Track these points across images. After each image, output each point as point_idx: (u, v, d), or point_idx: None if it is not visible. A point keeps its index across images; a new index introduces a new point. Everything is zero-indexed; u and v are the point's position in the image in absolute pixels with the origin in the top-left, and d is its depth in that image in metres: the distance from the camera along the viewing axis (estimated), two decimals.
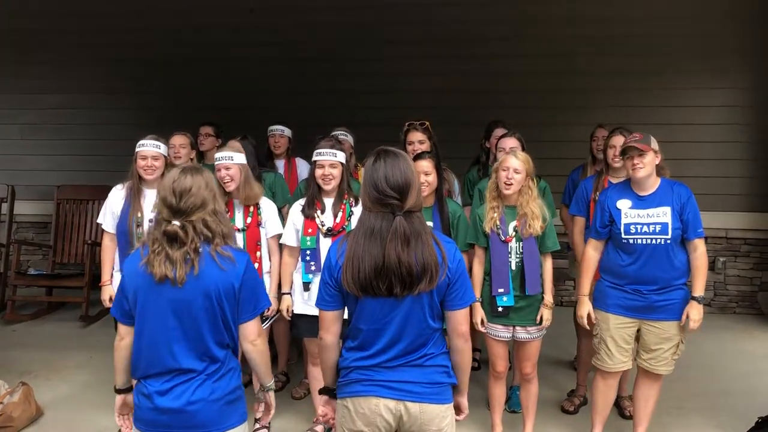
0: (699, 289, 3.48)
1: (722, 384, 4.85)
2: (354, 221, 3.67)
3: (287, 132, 5.21)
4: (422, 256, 2.24)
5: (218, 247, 2.39)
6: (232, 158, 3.88)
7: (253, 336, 2.50)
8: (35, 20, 7.33)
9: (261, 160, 4.86)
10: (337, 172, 3.76)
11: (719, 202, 6.59)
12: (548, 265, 3.75)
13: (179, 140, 4.60)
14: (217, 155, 3.93)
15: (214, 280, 2.36)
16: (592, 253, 3.72)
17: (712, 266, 6.66)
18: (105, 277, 4.06)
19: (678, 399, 4.50)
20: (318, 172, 3.77)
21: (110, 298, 4.00)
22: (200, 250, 2.36)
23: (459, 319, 2.38)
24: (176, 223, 2.35)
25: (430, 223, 3.64)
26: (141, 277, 2.38)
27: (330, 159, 3.76)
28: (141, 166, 3.92)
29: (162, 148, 3.98)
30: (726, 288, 6.72)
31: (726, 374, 5.06)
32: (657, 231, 3.44)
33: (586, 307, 3.71)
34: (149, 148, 3.93)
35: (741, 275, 6.70)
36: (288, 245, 3.88)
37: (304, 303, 3.83)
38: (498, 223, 3.62)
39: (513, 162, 3.59)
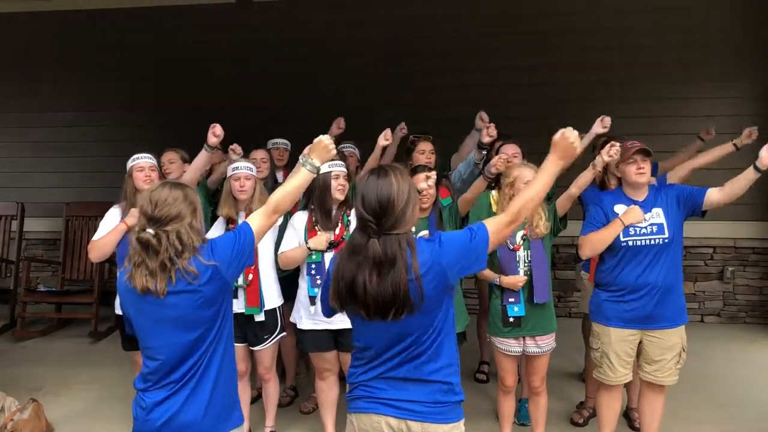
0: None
1: (732, 394, 4.82)
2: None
3: (290, 146, 5.28)
4: (390, 284, 2.18)
5: (185, 261, 2.39)
6: (251, 169, 3.93)
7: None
8: (45, 39, 7.43)
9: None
10: (347, 182, 3.82)
11: (727, 211, 6.50)
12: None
13: (169, 156, 4.62)
14: (235, 165, 3.95)
15: (188, 295, 2.39)
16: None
17: (720, 276, 6.65)
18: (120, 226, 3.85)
19: (687, 409, 4.47)
20: (334, 183, 3.77)
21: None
22: (174, 261, 2.38)
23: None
24: (150, 231, 2.37)
25: (425, 232, 3.65)
26: (129, 294, 2.44)
27: (344, 170, 3.80)
28: (140, 179, 3.94)
29: (155, 160, 4.06)
30: (735, 298, 6.69)
31: (736, 384, 5.02)
32: (654, 231, 3.47)
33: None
34: (145, 159, 3.99)
35: (750, 285, 6.66)
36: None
37: (309, 318, 3.82)
38: None
39: (530, 174, 3.60)
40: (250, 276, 3.85)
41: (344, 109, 6.73)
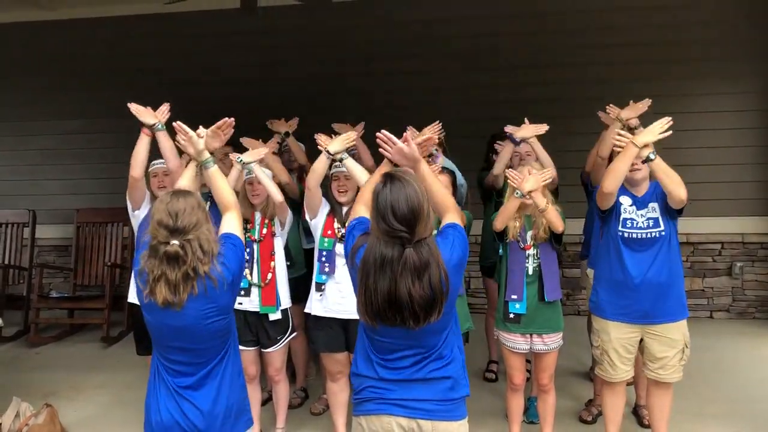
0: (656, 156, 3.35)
1: (742, 390, 4.81)
2: None
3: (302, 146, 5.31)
4: (430, 286, 2.19)
5: (206, 266, 2.41)
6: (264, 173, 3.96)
7: None
8: (53, 47, 7.49)
9: None
10: (351, 183, 3.81)
11: (735, 207, 6.57)
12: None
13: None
14: (249, 168, 3.97)
15: (206, 304, 2.44)
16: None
17: (729, 271, 6.63)
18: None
19: (697, 405, 4.47)
20: (333, 184, 3.84)
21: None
22: (198, 270, 2.40)
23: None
24: (175, 242, 2.37)
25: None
26: (148, 308, 2.48)
27: (344, 171, 3.81)
28: (155, 184, 4.03)
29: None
30: (744, 293, 6.67)
31: (746, 380, 5.01)
32: (651, 225, 3.49)
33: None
34: (158, 165, 4.05)
35: (759, 280, 6.64)
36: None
37: (317, 301, 3.84)
38: (519, 231, 3.69)
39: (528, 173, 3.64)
40: (269, 276, 3.90)
41: (343, 110, 6.80)
